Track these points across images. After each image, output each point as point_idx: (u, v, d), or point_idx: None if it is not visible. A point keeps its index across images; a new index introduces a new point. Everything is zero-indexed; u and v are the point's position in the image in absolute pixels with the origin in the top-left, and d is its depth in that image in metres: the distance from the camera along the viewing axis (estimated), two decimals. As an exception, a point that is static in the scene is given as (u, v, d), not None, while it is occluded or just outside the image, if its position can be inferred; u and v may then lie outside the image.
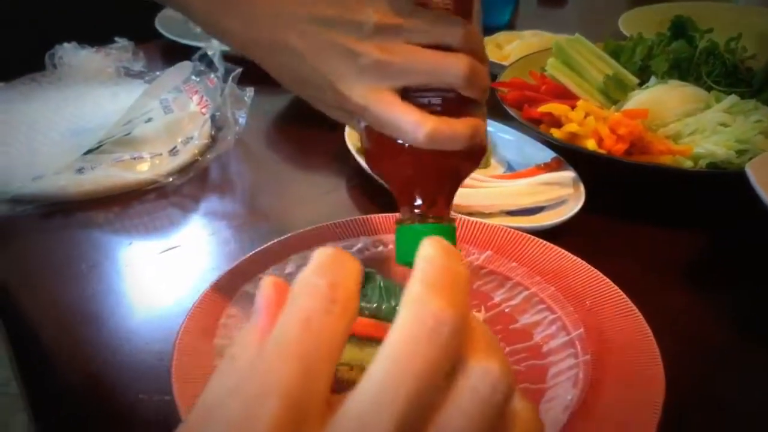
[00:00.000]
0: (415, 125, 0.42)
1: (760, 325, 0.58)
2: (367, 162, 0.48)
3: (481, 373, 0.23)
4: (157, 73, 0.89)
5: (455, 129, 0.43)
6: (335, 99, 0.45)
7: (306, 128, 0.88)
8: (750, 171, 0.58)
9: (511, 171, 0.77)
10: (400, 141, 0.43)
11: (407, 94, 0.43)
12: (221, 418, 0.21)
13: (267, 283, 0.27)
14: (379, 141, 0.45)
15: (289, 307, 0.23)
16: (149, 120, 0.79)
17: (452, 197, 0.47)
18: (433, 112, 0.43)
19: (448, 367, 0.23)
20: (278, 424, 0.20)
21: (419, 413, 0.22)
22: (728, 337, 0.57)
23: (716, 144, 0.69)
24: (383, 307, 0.50)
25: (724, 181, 0.67)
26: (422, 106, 0.43)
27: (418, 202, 0.45)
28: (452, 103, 0.44)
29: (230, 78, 0.79)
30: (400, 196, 0.46)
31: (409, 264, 0.46)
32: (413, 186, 0.45)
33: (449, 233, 0.44)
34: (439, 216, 0.45)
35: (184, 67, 0.82)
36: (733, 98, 0.75)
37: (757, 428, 0.48)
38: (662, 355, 0.48)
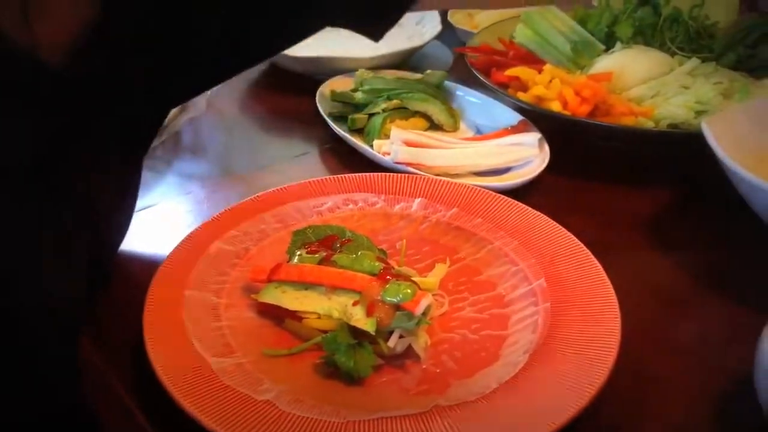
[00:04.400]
0: None
1: (718, 279, 0.60)
2: None
3: None
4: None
5: None
6: None
7: (278, 93, 0.89)
8: (706, 126, 0.60)
9: (480, 134, 0.78)
10: None
11: None
12: None
13: None
14: None
15: None
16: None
17: None
18: None
19: None
20: None
21: None
22: (687, 289, 0.59)
23: (677, 105, 0.71)
24: (350, 259, 0.52)
25: (682, 140, 0.69)
26: None
27: None
28: None
29: (202, 42, 0.79)
30: None
31: None
32: None
33: None
34: None
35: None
36: (694, 61, 0.77)
37: (712, 366, 0.51)
38: (621, 305, 0.50)
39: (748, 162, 0.59)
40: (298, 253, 0.53)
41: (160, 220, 0.66)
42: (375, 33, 0.58)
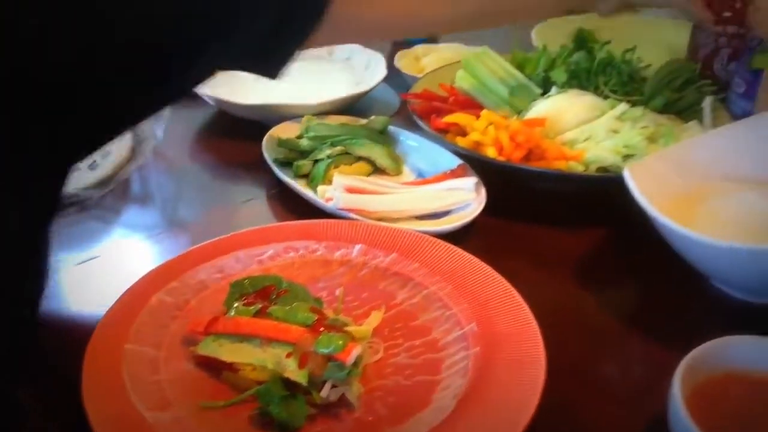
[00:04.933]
0: None
1: (640, 315, 0.63)
2: None
3: None
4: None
5: None
6: None
7: (226, 140, 0.91)
8: (628, 173, 0.64)
9: (422, 177, 0.81)
10: None
11: None
12: None
13: None
14: None
15: None
16: (69, 135, 0.81)
17: None
18: None
19: None
20: None
21: None
22: (610, 325, 0.62)
23: (606, 150, 0.75)
24: (285, 311, 0.53)
25: (609, 184, 0.72)
26: None
27: None
28: None
29: (148, 93, 0.81)
30: None
31: None
32: None
33: None
34: None
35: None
36: (623, 106, 0.81)
37: (634, 405, 0.53)
38: (548, 342, 0.53)
39: (669, 206, 0.62)
40: (235, 305, 0.55)
41: (106, 271, 0.67)
42: (271, 73, 0.58)
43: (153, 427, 0.47)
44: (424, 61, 1.07)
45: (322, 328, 0.51)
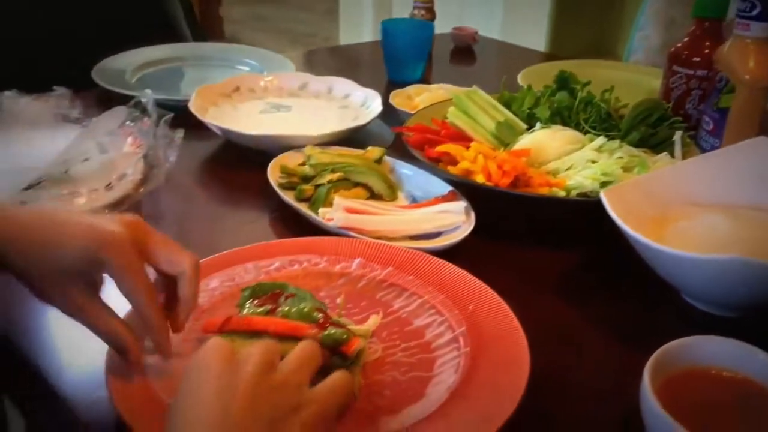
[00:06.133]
0: None
1: (615, 324, 0.69)
2: None
3: None
4: (93, 119, 0.97)
5: None
6: None
7: (232, 167, 0.97)
8: (604, 196, 0.70)
9: (415, 203, 0.87)
10: None
11: None
12: None
13: None
14: None
15: None
16: (86, 159, 0.87)
17: None
18: None
19: None
20: None
21: None
22: (588, 332, 0.68)
23: (585, 177, 0.82)
24: (293, 311, 0.58)
25: (588, 207, 0.78)
26: None
27: None
28: None
29: (162, 121, 0.87)
30: None
31: None
32: None
33: None
34: None
35: (119, 111, 0.90)
36: (601, 140, 0.88)
37: (610, 400, 0.59)
38: (531, 348, 0.58)
39: (640, 227, 0.68)
40: (247, 305, 0.60)
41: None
42: None
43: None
44: (417, 100, 1.14)
45: (327, 325, 0.56)
